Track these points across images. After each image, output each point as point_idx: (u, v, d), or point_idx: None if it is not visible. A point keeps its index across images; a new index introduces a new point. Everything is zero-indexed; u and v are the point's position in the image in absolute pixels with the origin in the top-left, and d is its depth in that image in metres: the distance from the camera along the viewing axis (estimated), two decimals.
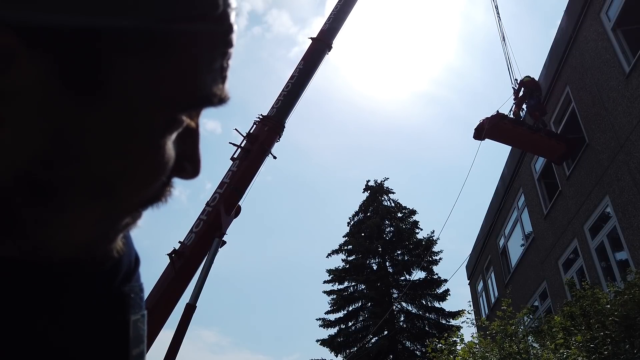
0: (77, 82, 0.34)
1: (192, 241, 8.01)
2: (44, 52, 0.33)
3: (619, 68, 8.13)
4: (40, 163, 0.34)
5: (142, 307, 0.51)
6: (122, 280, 0.49)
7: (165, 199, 0.43)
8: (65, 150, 0.35)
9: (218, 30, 0.39)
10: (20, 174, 0.34)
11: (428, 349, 9.47)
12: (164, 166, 0.40)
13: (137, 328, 0.48)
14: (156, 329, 7.29)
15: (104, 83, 0.35)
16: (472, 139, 10.30)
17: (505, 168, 14.67)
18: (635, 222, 7.68)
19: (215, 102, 0.41)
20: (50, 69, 0.33)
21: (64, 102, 0.34)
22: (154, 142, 0.39)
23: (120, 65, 0.35)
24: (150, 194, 0.41)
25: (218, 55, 0.40)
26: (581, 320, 5.69)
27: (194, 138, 0.44)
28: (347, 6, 10.71)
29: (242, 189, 8.73)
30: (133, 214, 0.42)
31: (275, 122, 9.28)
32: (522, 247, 13.52)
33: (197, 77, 0.39)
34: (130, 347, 0.47)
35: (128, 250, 0.50)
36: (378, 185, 27.71)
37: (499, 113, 9.98)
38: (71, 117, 0.34)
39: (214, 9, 0.37)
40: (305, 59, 10.04)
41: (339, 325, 24.13)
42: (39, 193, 0.35)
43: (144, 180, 0.40)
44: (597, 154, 8.94)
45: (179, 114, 0.40)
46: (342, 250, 25.89)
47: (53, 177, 0.35)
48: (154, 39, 0.35)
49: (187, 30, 0.37)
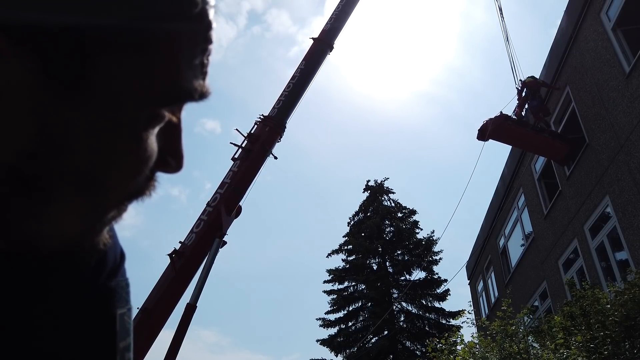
0: (61, 78, 0.35)
1: (193, 241, 8.01)
2: (29, 49, 0.34)
3: (619, 68, 8.14)
4: (26, 156, 0.35)
5: (129, 301, 0.52)
6: (108, 275, 0.50)
7: (150, 193, 0.45)
8: (50, 144, 0.36)
9: (197, 28, 0.40)
10: (7, 168, 0.35)
11: (428, 349, 9.46)
12: (147, 160, 0.41)
13: (123, 321, 0.50)
14: (156, 329, 7.29)
15: (87, 79, 0.36)
16: (476, 139, 10.32)
17: (505, 168, 14.68)
18: (636, 222, 7.68)
19: (196, 97, 0.42)
20: (35, 65, 0.34)
21: (49, 98, 0.35)
22: (137, 136, 0.40)
23: (103, 62, 0.36)
24: (135, 188, 0.43)
25: (198, 51, 0.41)
26: (581, 320, 5.69)
27: (176, 132, 0.45)
28: (348, 6, 10.70)
29: (242, 189, 8.73)
30: (119, 207, 0.43)
31: (277, 123, 9.27)
32: (522, 247, 13.52)
33: (178, 73, 0.40)
34: (117, 339, 0.48)
35: (113, 245, 0.52)
36: (378, 185, 27.72)
37: (503, 114, 9.98)
38: (56, 112, 0.35)
39: (193, 7, 0.39)
40: (306, 59, 10.03)
41: (339, 325, 24.13)
42: (25, 186, 0.36)
43: (127, 174, 0.41)
44: (597, 154, 8.95)
45: (161, 108, 0.41)
46: (342, 250, 25.90)
47: (39, 170, 0.36)
48: (135, 37, 0.37)
49: (168, 28, 0.38)
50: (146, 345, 6.94)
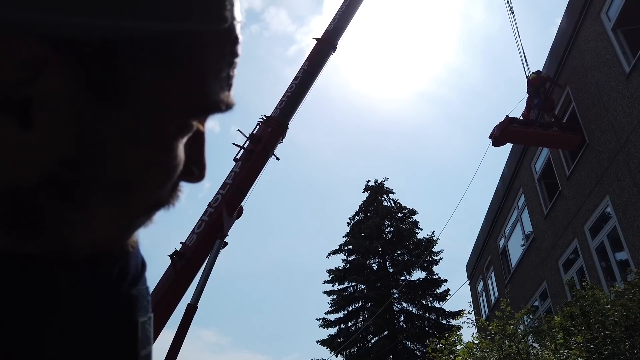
0: (98, 88, 0.36)
1: (194, 242, 8.01)
2: (71, 60, 0.35)
3: (619, 68, 8.14)
4: (64, 164, 0.37)
5: (149, 309, 0.53)
6: (130, 283, 0.51)
7: (174, 202, 0.46)
8: (87, 152, 0.37)
9: (225, 43, 0.42)
10: (46, 175, 0.37)
11: (428, 349, 9.47)
12: (175, 168, 0.43)
13: (145, 329, 0.50)
14: (157, 329, 7.29)
15: (122, 90, 0.37)
16: (486, 141, 10.37)
17: (506, 168, 14.68)
18: (636, 222, 7.69)
19: (223, 109, 0.44)
20: (76, 76, 0.36)
21: (87, 108, 0.36)
22: (167, 146, 0.41)
23: (136, 73, 0.38)
24: (163, 196, 0.44)
25: (225, 65, 0.43)
26: (581, 320, 5.69)
27: (201, 143, 0.47)
28: (352, 7, 10.64)
29: (244, 190, 8.72)
30: (147, 214, 0.44)
31: (279, 123, 9.25)
32: (522, 247, 13.52)
33: (206, 85, 0.42)
34: (139, 348, 0.49)
35: (135, 254, 0.52)
36: (378, 185, 27.72)
37: (508, 117, 9.99)
38: (93, 122, 0.37)
39: (222, 22, 0.40)
40: (309, 59, 9.99)
41: (339, 326, 24.13)
42: (62, 192, 0.38)
43: (157, 181, 0.42)
44: (597, 154, 8.95)
45: (189, 119, 0.42)
46: (342, 251, 25.90)
47: (76, 177, 0.37)
48: (166, 51, 0.38)
49: (198, 42, 0.40)
50: None
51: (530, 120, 10.19)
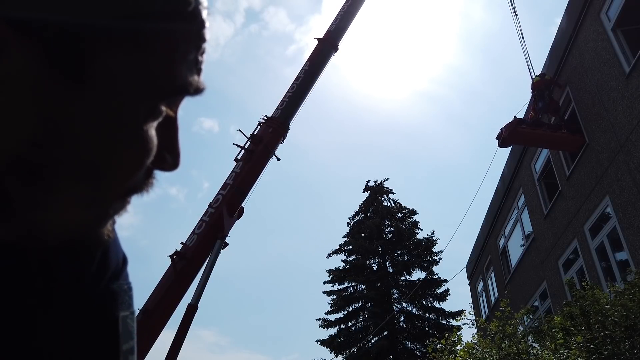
0: (63, 71, 0.37)
1: (194, 243, 8.01)
2: (33, 42, 0.36)
3: (619, 68, 8.14)
4: (31, 145, 0.37)
5: (131, 305, 0.53)
6: (110, 278, 0.51)
7: (148, 189, 0.46)
8: (54, 133, 0.37)
9: (191, 26, 0.43)
10: (13, 157, 0.37)
11: (428, 349, 9.46)
12: (147, 152, 0.43)
13: (126, 324, 0.51)
14: (157, 329, 7.29)
15: (88, 73, 0.38)
16: (497, 146, 10.36)
17: (506, 168, 14.68)
18: (636, 222, 7.69)
19: (192, 92, 0.45)
20: (39, 58, 0.36)
21: (52, 90, 0.37)
22: (137, 128, 0.42)
23: (102, 57, 0.38)
24: (136, 181, 0.44)
25: (192, 48, 0.44)
26: (581, 320, 5.68)
27: (173, 129, 0.47)
28: (353, 7, 10.64)
29: (245, 190, 8.71)
30: (120, 200, 0.44)
31: (280, 124, 9.24)
32: (522, 247, 13.52)
33: (174, 68, 0.42)
34: (120, 341, 0.49)
35: (115, 249, 0.53)
36: (378, 185, 27.72)
37: (516, 118, 9.98)
38: (59, 104, 0.37)
39: (186, 6, 0.41)
40: (311, 59, 9.98)
41: (339, 326, 24.12)
42: (30, 174, 0.38)
43: (129, 165, 0.42)
44: (597, 154, 8.95)
45: (159, 102, 0.43)
46: (342, 251, 25.89)
47: (43, 159, 0.38)
48: (132, 35, 0.39)
49: (163, 26, 0.40)
50: (147, 346, 6.95)
51: (539, 122, 10.18)
